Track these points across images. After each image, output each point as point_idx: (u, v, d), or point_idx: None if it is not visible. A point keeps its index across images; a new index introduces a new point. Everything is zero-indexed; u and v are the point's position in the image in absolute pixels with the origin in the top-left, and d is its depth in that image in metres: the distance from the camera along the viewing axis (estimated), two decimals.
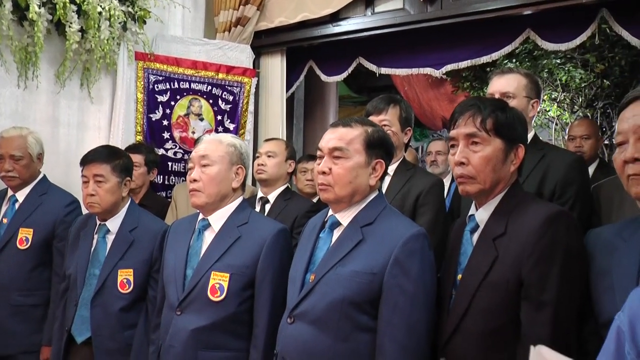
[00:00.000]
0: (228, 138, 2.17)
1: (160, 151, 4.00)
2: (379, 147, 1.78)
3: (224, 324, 1.95)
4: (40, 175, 2.98)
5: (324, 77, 4.71)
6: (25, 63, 3.37)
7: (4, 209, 2.90)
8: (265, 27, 4.46)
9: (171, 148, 4.11)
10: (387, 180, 2.39)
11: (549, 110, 6.40)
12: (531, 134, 2.33)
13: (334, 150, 1.75)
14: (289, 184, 3.12)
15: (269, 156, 3.02)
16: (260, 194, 3.05)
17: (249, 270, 1.98)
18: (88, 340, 2.32)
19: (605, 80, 5.91)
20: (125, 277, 2.33)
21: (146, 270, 2.38)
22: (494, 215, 1.64)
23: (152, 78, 4.03)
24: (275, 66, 4.61)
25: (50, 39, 3.48)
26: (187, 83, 4.16)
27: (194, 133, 4.14)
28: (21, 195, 2.89)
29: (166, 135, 4.10)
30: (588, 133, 3.78)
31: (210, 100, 4.23)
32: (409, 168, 2.46)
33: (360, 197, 1.77)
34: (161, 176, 4.03)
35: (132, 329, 2.33)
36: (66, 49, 3.43)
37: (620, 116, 1.42)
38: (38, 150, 2.94)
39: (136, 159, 3.15)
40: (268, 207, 2.97)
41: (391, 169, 2.39)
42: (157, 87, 4.05)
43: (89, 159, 2.42)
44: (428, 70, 4.27)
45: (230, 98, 4.29)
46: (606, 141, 5.92)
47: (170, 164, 4.11)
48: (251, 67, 4.41)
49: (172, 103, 4.12)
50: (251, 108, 4.41)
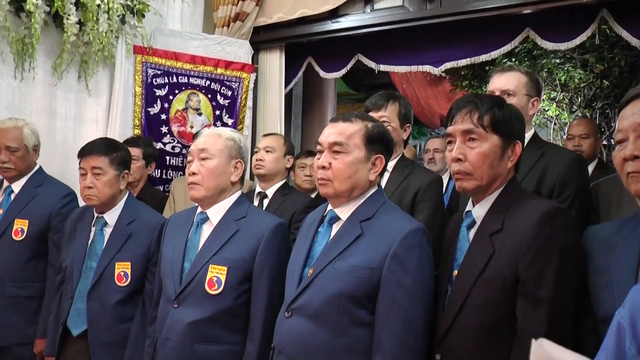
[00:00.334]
0: (227, 132, 2.16)
1: (158, 145, 3.99)
2: (378, 143, 1.77)
3: (220, 317, 1.95)
4: (36, 167, 2.96)
5: (322, 74, 4.70)
6: (22, 54, 3.34)
7: None
8: (264, 23, 4.46)
9: (169, 142, 4.10)
10: (386, 176, 2.39)
11: (548, 110, 6.40)
12: (531, 132, 2.33)
13: (333, 145, 1.75)
14: (287, 179, 3.12)
15: (267, 151, 3.02)
16: (258, 189, 3.05)
17: (247, 264, 1.98)
18: (84, 333, 2.31)
19: (604, 81, 5.91)
20: (123, 270, 2.32)
21: (144, 263, 2.36)
22: (490, 212, 1.64)
23: (151, 72, 4.01)
24: (274, 62, 4.60)
25: (48, 31, 3.46)
26: (186, 77, 4.14)
27: (192, 127, 4.12)
28: (17, 187, 2.87)
29: (164, 129, 4.09)
30: (587, 132, 3.77)
31: (209, 95, 4.22)
32: (408, 164, 2.45)
33: (360, 192, 1.76)
34: (159, 170, 4.02)
35: (129, 322, 2.32)
36: (64, 41, 3.41)
37: (621, 114, 1.42)
38: (34, 141, 2.92)
39: (134, 152, 3.14)
40: (266, 202, 2.96)
41: (390, 165, 2.39)
42: (156, 81, 4.04)
43: (86, 151, 2.40)
44: (427, 68, 4.28)
45: (229, 93, 4.28)
46: (604, 142, 5.91)
47: (168, 158, 4.10)
48: (250, 63, 4.40)
49: (171, 97, 4.11)
50: (249, 103, 4.40)
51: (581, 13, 3.57)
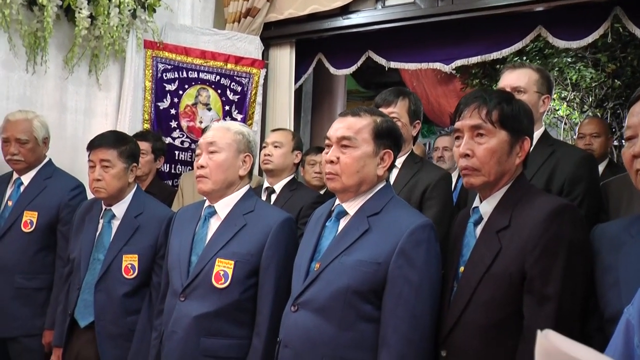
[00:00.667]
0: (236, 126, 2.16)
1: (168, 140, 3.99)
2: (387, 137, 1.76)
3: (227, 311, 1.95)
4: (46, 159, 2.98)
5: (332, 70, 4.69)
6: (34, 48, 3.36)
7: (9, 192, 2.90)
8: (275, 19, 4.45)
9: (178, 137, 4.11)
10: (395, 172, 2.38)
11: (558, 110, 6.36)
12: (541, 130, 2.31)
13: (342, 140, 1.74)
14: (295, 175, 3.11)
15: (276, 146, 3.01)
16: (266, 184, 3.04)
17: (254, 258, 1.97)
18: (91, 324, 2.32)
19: (616, 80, 5.86)
20: (130, 263, 2.32)
21: (151, 256, 2.37)
22: (498, 208, 1.63)
23: (161, 67, 4.02)
24: (284, 58, 4.59)
25: (60, 25, 3.48)
26: (196, 72, 4.15)
27: (201, 122, 4.13)
28: (26, 179, 2.89)
29: (173, 124, 4.09)
30: (598, 131, 3.74)
31: (219, 90, 4.22)
32: (417, 161, 2.44)
33: (368, 187, 1.76)
34: (168, 165, 4.04)
35: (136, 314, 2.33)
36: (75, 34, 3.42)
37: (631, 110, 1.40)
38: (44, 134, 2.93)
39: (143, 146, 3.15)
40: (274, 198, 2.96)
41: (399, 162, 2.38)
42: (166, 76, 4.05)
43: (95, 144, 2.42)
44: (437, 66, 4.24)
45: (239, 89, 4.28)
46: (615, 142, 5.86)
47: (177, 152, 4.11)
48: (260, 59, 4.39)
49: (180, 92, 4.11)
50: (259, 99, 4.40)
51: (594, 11, 3.54)
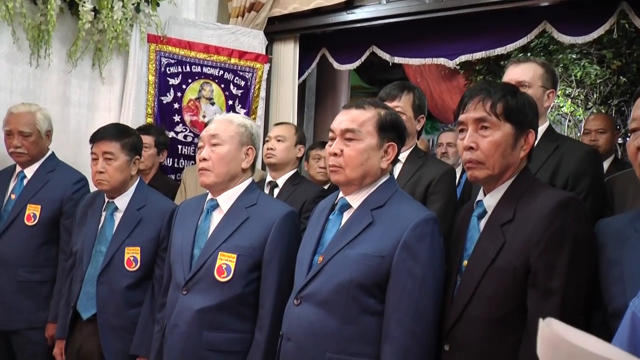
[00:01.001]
0: (239, 118, 2.15)
1: (171, 134, 3.99)
2: (391, 130, 1.75)
3: (229, 304, 1.94)
4: (49, 153, 2.97)
5: (336, 65, 4.67)
6: (37, 41, 3.36)
7: (12, 185, 2.89)
8: (279, 14, 4.43)
9: (181, 131, 4.11)
10: (399, 167, 2.37)
11: (563, 106, 6.33)
12: (545, 125, 2.29)
13: (345, 132, 1.73)
14: (298, 169, 3.10)
15: (279, 140, 3.00)
16: (269, 178, 3.04)
17: (256, 252, 1.97)
18: (93, 317, 2.32)
19: (621, 77, 5.83)
20: (132, 255, 2.32)
21: (153, 248, 2.37)
22: (502, 201, 1.62)
23: (164, 61, 4.02)
24: (288, 53, 4.58)
25: (63, 18, 3.47)
26: (199, 67, 4.14)
27: (204, 117, 4.12)
28: (29, 172, 2.89)
29: (177, 118, 4.09)
30: (604, 127, 3.72)
31: (222, 85, 4.21)
32: (421, 156, 2.43)
33: (371, 180, 1.75)
34: (171, 159, 4.03)
35: (138, 307, 2.33)
36: (78, 28, 3.42)
37: (636, 103, 1.40)
38: (47, 127, 2.93)
39: (146, 140, 3.14)
40: (277, 192, 2.95)
41: (403, 156, 2.37)
42: (169, 70, 4.04)
43: (98, 137, 2.41)
44: (442, 61, 4.23)
45: (242, 83, 4.27)
46: (620, 140, 5.84)
47: (180, 147, 4.10)
48: (264, 53, 4.38)
49: (184, 86, 4.11)
50: (262, 94, 4.39)
51: (599, 6, 3.51)
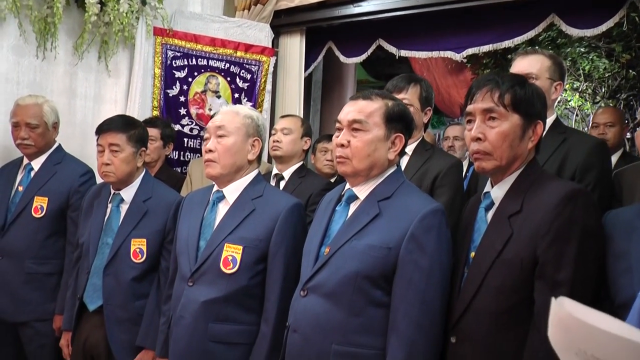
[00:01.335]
0: (245, 110, 2.14)
1: (177, 127, 3.99)
2: (398, 121, 1.74)
3: (235, 296, 1.94)
4: (56, 145, 2.98)
5: (342, 58, 4.65)
6: (44, 34, 3.36)
7: (19, 177, 2.90)
8: (285, 7, 4.41)
9: (187, 124, 4.10)
10: (405, 159, 2.36)
11: (570, 100, 6.29)
12: (553, 117, 2.28)
13: (353, 123, 1.72)
14: (304, 162, 3.10)
15: (285, 133, 2.99)
16: (275, 171, 3.03)
17: (262, 244, 1.96)
18: (100, 308, 2.32)
19: (630, 71, 5.79)
20: (138, 247, 2.32)
21: (159, 240, 2.37)
22: (509, 193, 1.61)
23: (170, 54, 4.01)
24: (294, 46, 4.56)
25: (69, 11, 3.47)
26: (205, 60, 4.13)
27: (210, 110, 4.11)
28: (37, 164, 2.89)
29: (183, 111, 4.08)
30: (612, 120, 3.68)
31: (228, 78, 4.20)
32: (428, 148, 2.42)
33: (378, 171, 1.74)
34: (177, 152, 4.03)
35: (144, 299, 2.33)
36: (85, 21, 3.42)
37: None
38: (53, 119, 2.94)
39: (152, 132, 3.14)
40: (283, 184, 2.94)
41: (410, 149, 2.36)
42: (175, 63, 4.03)
43: (104, 128, 2.41)
44: (448, 54, 4.19)
45: (248, 76, 4.26)
46: (628, 134, 5.80)
47: (186, 140, 4.10)
48: (270, 46, 4.36)
49: (190, 79, 4.10)
50: (269, 87, 4.37)
51: None
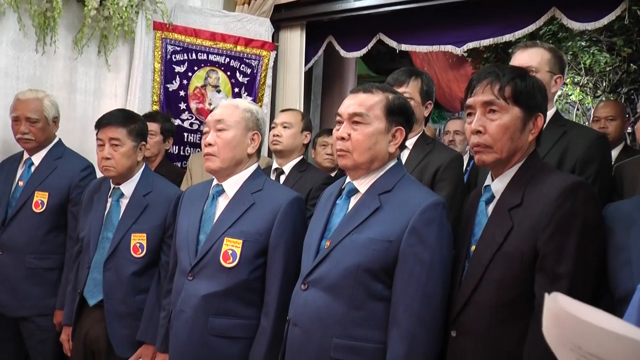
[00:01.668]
0: (245, 103, 2.14)
1: (177, 122, 3.98)
2: (399, 114, 1.74)
3: (235, 290, 1.94)
4: (56, 139, 2.98)
5: (343, 53, 4.65)
6: (43, 28, 3.35)
7: (20, 172, 2.90)
8: (285, 1, 4.40)
9: (187, 119, 4.10)
10: (406, 153, 2.35)
11: (571, 95, 6.28)
12: (553, 110, 2.27)
13: (353, 116, 1.72)
14: (304, 156, 3.09)
15: (285, 127, 2.98)
16: (275, 165, 3.02)
17: (262, 238, 1.96)
18: (100, 303, 2.32)
19: (631, 65, 5.77)
20: (139, 242, 2.32)
21: (159, 235, 2.37)
22: (510, 186, 1.60)
23: (170, 48, 4.00)
24: (295, 40, 4.55)
25: (69, 5, 3.47)
26: (205, 54, 4.12)
27: (210, 104, 4.10)
28: (37, 159, 2.89)
29: (182, 105, 4.08)
30: (613, 114, 3.67)
31: (228, 73, 4.20)
32: (429, 142, 2.41)
33: (379, 165, 1.74)
34: (176, 147, 4.03)
35: (144, 293, 2.33)
36: (84, 15, 3.42)
37: None
38: (54, 113, 2.93)
39: (152, 127, 3.13)
40: (283, 178, 2.94)
41: (410, 143, 2.35)
42: (175, 58, 4.03)
43: (104, 122, 2.40)
44: (449, 48, 4.18)
45: (248, 71, 4.25)
46: (629, 128, 5.78)
47: (186, 134, 4.10)
48: (270, 41, 4.36)
49: (190, 74, 4.09)
50: (269, 82, 4.37)
51: None
